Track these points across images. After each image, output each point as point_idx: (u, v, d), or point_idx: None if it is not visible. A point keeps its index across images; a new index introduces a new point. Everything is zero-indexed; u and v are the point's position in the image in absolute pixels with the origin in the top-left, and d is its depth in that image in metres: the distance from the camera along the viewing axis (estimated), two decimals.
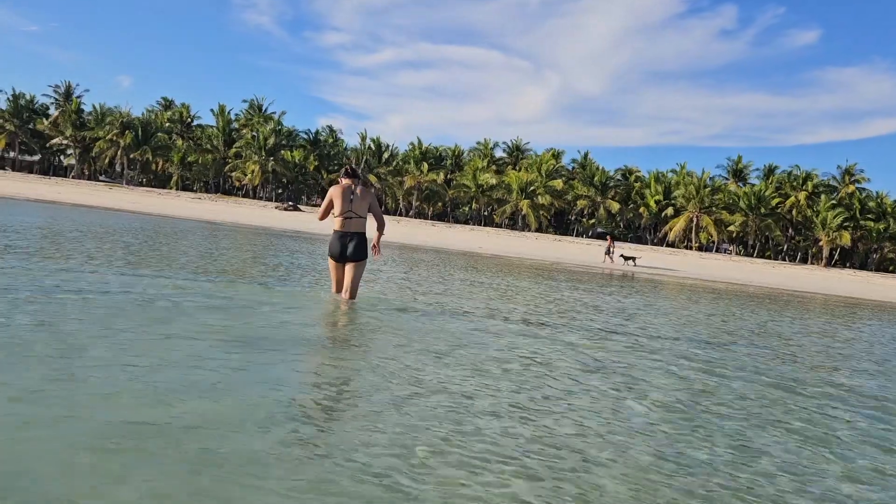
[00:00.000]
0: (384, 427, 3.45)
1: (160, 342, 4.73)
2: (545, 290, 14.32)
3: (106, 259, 9.98)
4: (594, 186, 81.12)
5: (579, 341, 7.16)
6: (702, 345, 8.17)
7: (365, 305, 7.69)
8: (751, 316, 13.99)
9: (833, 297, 30.63)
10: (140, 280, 7.81)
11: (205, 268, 10.44)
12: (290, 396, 3.83)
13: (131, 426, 3.02)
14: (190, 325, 5.43)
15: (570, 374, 5.33)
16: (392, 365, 4.91)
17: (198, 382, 3.84)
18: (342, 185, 7.45)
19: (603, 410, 4.35)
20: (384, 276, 12.61)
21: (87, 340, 4.50)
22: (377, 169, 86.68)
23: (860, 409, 5.39)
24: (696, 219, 74.69)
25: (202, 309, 6.32)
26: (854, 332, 13.41)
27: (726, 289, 26.62)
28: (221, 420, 3.26)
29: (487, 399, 4.25)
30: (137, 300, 6.37)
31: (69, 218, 22.38)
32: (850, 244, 72.14)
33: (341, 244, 7.38)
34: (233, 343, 4.98)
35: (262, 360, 4.63)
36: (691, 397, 5.04)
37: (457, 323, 7.49)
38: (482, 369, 5.09)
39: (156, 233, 19.33)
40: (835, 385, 6.45)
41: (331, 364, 4.93)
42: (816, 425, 4.62)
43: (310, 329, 6.40)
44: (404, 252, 26.31)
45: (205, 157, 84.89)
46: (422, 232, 51.95)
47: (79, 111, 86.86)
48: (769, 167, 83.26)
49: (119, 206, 40.14)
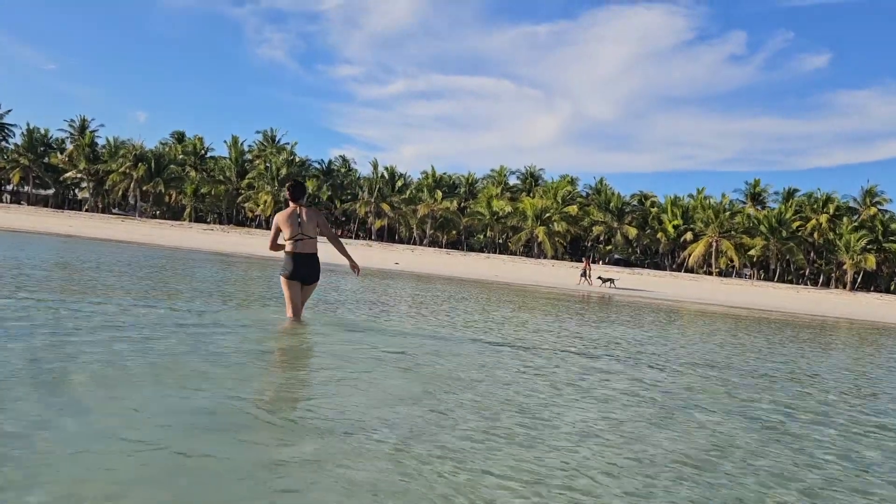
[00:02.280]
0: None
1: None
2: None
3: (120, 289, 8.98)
4: (610, 212, 79.91)
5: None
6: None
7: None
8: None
9: (881, 324, 29.15)
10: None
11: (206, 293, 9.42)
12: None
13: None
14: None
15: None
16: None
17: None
18: (286, 212, 7.52)
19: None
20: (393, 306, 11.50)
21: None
22: (390, 197, 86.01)
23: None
24: (715, 243, 73.14)
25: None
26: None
27: (744, 314, 25.29)
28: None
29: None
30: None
31: (74, 251, 21.55)
32: (874, 267, 70.23)
33: (294, 264, 7.47)
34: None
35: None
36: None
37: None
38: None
39: (149, 265, 18.41)
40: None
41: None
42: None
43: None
44: (420, 283, 25.23)
45: (217, 189, 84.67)
46: (436, 260, 50.95)
47: (92, 144, 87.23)
48: (788, 190, 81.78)
49: (130, 239, 39.50)
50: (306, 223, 7.43)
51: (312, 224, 7.48)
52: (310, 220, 7.46)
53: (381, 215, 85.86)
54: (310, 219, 7.47)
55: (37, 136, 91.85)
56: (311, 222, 7.47)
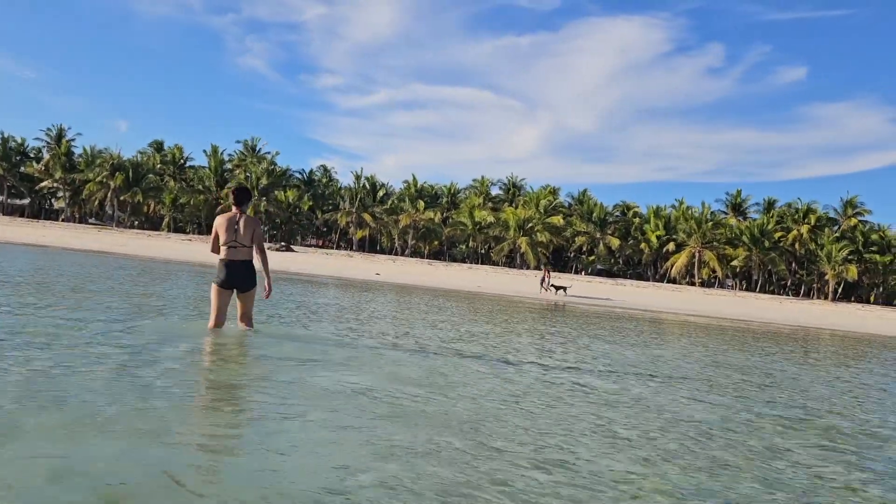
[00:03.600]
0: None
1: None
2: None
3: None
4: (593, 222, 79.71)
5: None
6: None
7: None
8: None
9: (870, 335, 28.87)
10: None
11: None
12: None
13: None
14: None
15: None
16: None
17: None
18: (227, 216, 7.51)
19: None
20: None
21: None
22: (372, 208, 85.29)
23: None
24: (698, 254, 73.09)
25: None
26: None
27: (711, 324, 24.87)
28: None
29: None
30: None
31: (38, 262, 20.67)
32: (856, 278, 70.48)
33: (227, 272, 7.44)
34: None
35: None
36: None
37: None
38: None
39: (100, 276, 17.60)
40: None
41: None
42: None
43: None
44: (401, 295, 24.58)
45: (196, 199, 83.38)
46: (417, 271, 50.27)
47: (69, 153, 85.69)
48: (769, 201, 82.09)
49: (105, 249, 38.48)
50: (242, 231, 7.41)
51: (249, 232, 7.44)
52: (246, 229, 7.43)
53: (362, 225, 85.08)
54: (247, 227, 7.44)
55: (12, 144, 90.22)
56: (248, 231, 7.44)
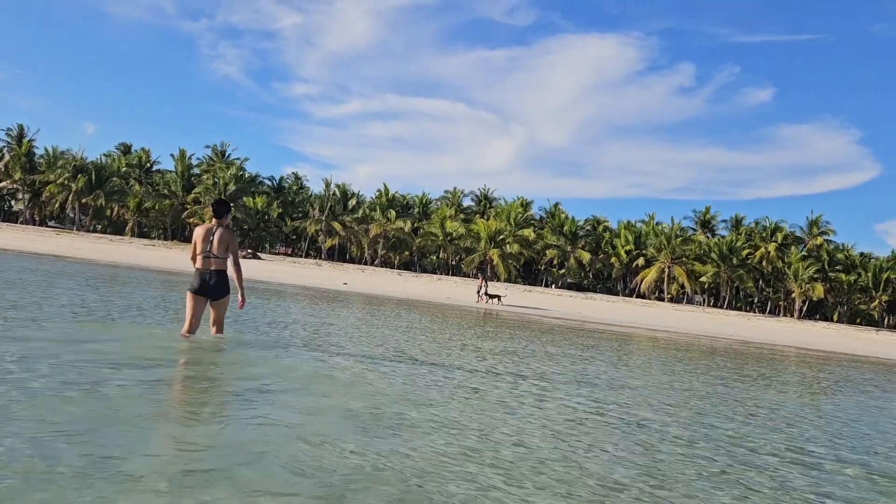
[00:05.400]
0: None
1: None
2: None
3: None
4: (564, 236, 79.50)
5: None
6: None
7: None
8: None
9: (837, 354, 28.69)
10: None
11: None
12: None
13: None
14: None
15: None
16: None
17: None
18: (205, 227, 7.95)
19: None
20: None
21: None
22: (342, 216, 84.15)
23: None
24: (668, 269, 73.23)
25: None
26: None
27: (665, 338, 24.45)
28: None
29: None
30: None
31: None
32: (822, 296, 71.20)
33: (201, 280, 7.84)
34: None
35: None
36: None
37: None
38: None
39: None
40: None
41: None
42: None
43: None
44: (371, 306, 23.73)
45: (162, 203, 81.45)
46: (386, 281, 49.39)
47: (29, 154, 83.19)
48: (737, 218, 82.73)
49: (59, 253, 36.98)
50: (217, 243, 7.84)
51: (224, 245, 7.89)
52: (221, 241, 7.87)
53: (332, 234, 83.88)
54: (222, 239, 7.87)
55: None
56: (223, 243, 7.88)
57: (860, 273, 73.86)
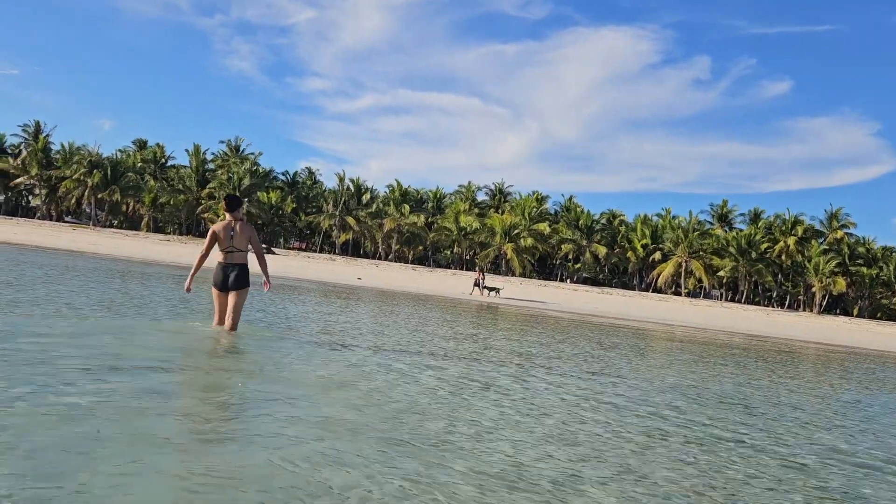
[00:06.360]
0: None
1: None
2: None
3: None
4: (579, 230, 78.83)
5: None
6: None
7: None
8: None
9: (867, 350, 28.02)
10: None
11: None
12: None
13: None
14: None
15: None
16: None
17: None
18: (223, 223, 7.99)
19: None
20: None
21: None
22: (356, 211, 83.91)
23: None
24: (685, 264, 72.39)
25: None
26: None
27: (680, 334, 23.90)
28: None
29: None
30: None
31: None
32: (844, 290, 70.10)
33: (224, 275, 7.94)
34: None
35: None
36: None
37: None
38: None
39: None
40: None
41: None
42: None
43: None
44: (386, 302, 23.40)
45: (177, 198, 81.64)
46: (400, 276, 49.07)
47: (46, 150, 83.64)
48: (755, 211, 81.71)
49: (76, 248, 36.96)
50: (239, 236, 7.94)
51: (245, 238, 8.00)
52: (242, 234, 7.97)
53: (346, 229, 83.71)
54: (242, 232, 7.98)
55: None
56: (244, 236, 7.99)
57: (882, 267, 72.72)
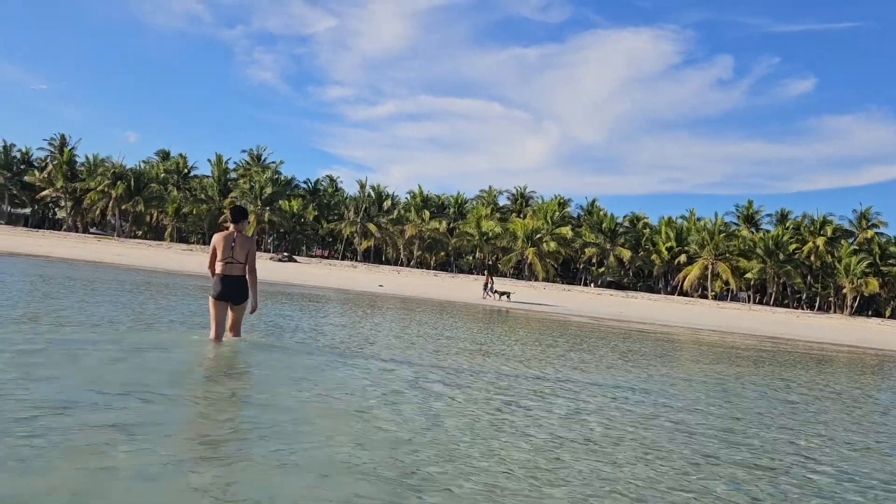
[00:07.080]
0: None
1: None
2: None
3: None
4: (603, 233, 77.86)
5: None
6: None
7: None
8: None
9: None
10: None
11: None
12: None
13: None
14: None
15: None
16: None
17: None
18: (223, 234, 7.94)
19: None
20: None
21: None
22: (377, 218, 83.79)
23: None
24: (711, 266, 71.14)
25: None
26: None
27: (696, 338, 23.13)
28: None
29: None
30: None
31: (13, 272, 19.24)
32: (876, 290, 68.39)
33: (223, 285, 7.84)
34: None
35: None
36: None
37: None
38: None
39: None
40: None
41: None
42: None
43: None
44: (409, 310, 23.01)
45: (199, 208, 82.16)
46: (422, 283, 48.70)
47: (71, 162, 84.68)
48: (782, 212, 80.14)
49: (100, 259, 37.13)
50: (238, 249, 7.85)
51: (244, 251, 7.90)
52: (241, 247, 7.88)
53: (367, 236, 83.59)
54: (242, 245, 7.89)
55: (16, 153, 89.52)
56: (243, 249, 7.89)
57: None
